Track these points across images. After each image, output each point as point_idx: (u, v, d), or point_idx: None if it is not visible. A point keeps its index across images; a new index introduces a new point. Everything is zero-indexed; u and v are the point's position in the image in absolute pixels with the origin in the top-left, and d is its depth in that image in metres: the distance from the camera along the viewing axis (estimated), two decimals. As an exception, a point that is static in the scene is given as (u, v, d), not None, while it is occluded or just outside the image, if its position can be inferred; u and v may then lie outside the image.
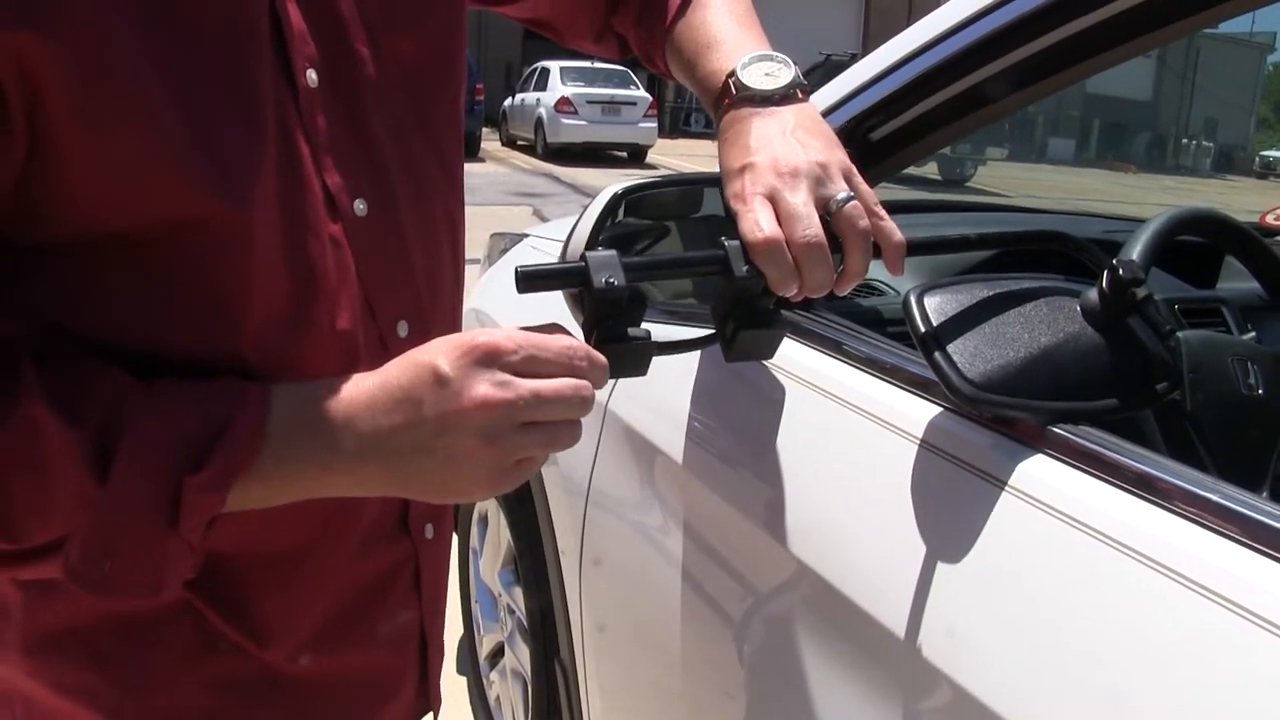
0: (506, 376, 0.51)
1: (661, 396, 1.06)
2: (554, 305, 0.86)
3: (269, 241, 0.54)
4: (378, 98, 0.60)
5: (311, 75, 0.56)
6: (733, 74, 0.67)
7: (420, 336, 0.60)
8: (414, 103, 0.63)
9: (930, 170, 13.17)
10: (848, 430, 0.79)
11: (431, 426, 0.51)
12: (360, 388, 0.53)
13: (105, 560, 0.49)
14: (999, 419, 0.64)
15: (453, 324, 0.70)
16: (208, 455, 0.50)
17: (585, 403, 0.53)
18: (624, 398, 1.12)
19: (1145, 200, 11.42)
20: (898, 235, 0.64)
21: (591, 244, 0.71)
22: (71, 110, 0.47)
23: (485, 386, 0.50)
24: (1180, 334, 1.01)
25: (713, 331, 0.66)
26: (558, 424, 0.53)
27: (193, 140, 0.50)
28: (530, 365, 0.52)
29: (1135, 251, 0.97)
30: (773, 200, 0.61)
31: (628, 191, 0.71)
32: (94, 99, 0.47)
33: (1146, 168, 22.97)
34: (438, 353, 0.52)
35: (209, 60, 0.51)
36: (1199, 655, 0.50)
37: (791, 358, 0.89)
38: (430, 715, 0.78)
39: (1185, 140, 29.10)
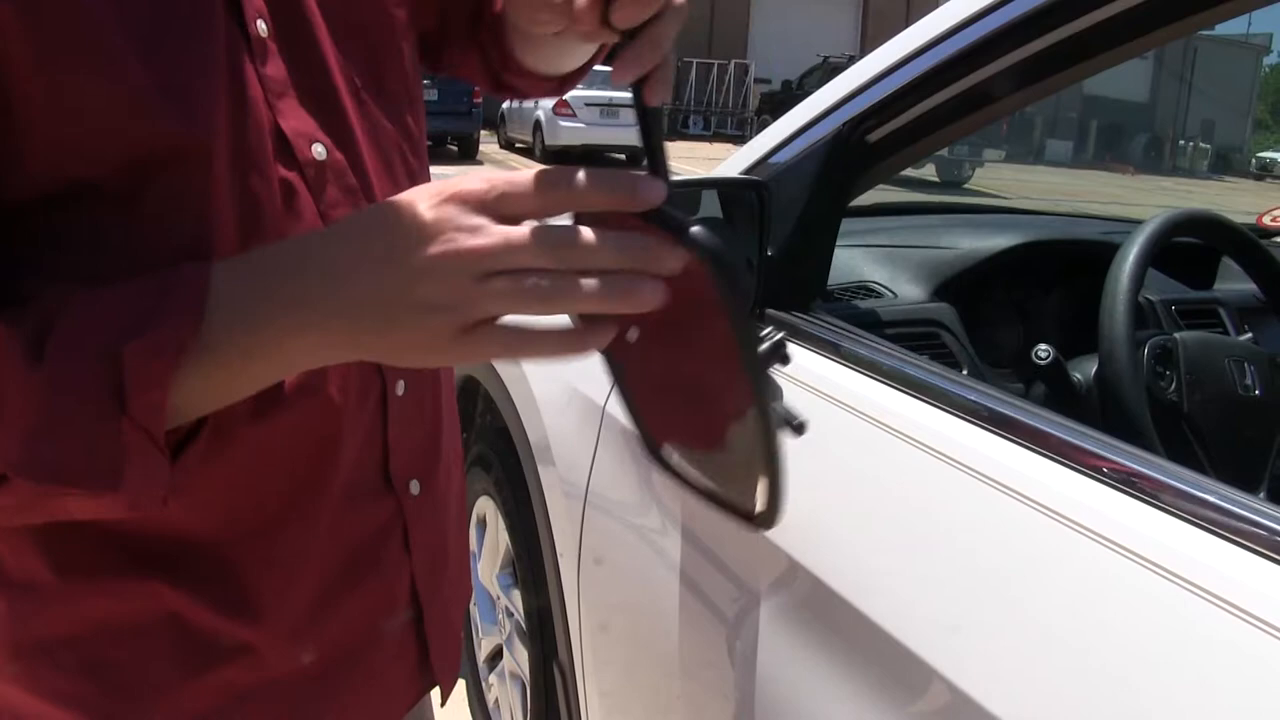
0: (477, 220, 0.45)
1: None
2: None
3: (225, 188, 0.54)
4: (329, 50, 0.60)
5: (261, 25, 0.56)
6: None
7: None
8: (366, 62, 0.63)
9: (928, 172, 13.18)
10: (845, 432, 0.79)
11: (385, 268, 0.46)
12: (310, 235, 0.51)
13: (52, 442, 0.46)
14: None
15: None
16: (148, 323, 0.47)
17: (588, 250, 0.44)
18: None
19: (1143, 202, 11.43)
20: None
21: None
22: (34, 58, 0.46)
23: (443, 229, 0.45)
24: (1178, 335, 1.01)
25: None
26: (530, 275, 0.44)
27: (154, 83, 0.49)
28: (504, 204, 0.45)
29: (1131, 254, 0.98)
30: None
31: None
32: (56, 46, 0.47)
33: (1144, 169, 22.99)
34: (404, 196, 0.47)
35: (164, 8, 0.51)
36: (1195, 655, 0.50)
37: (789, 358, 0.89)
38: (439, 691, 0.76)
39: (1182, 142, 29.14)
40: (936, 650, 0.63)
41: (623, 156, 15.01)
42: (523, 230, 0.45)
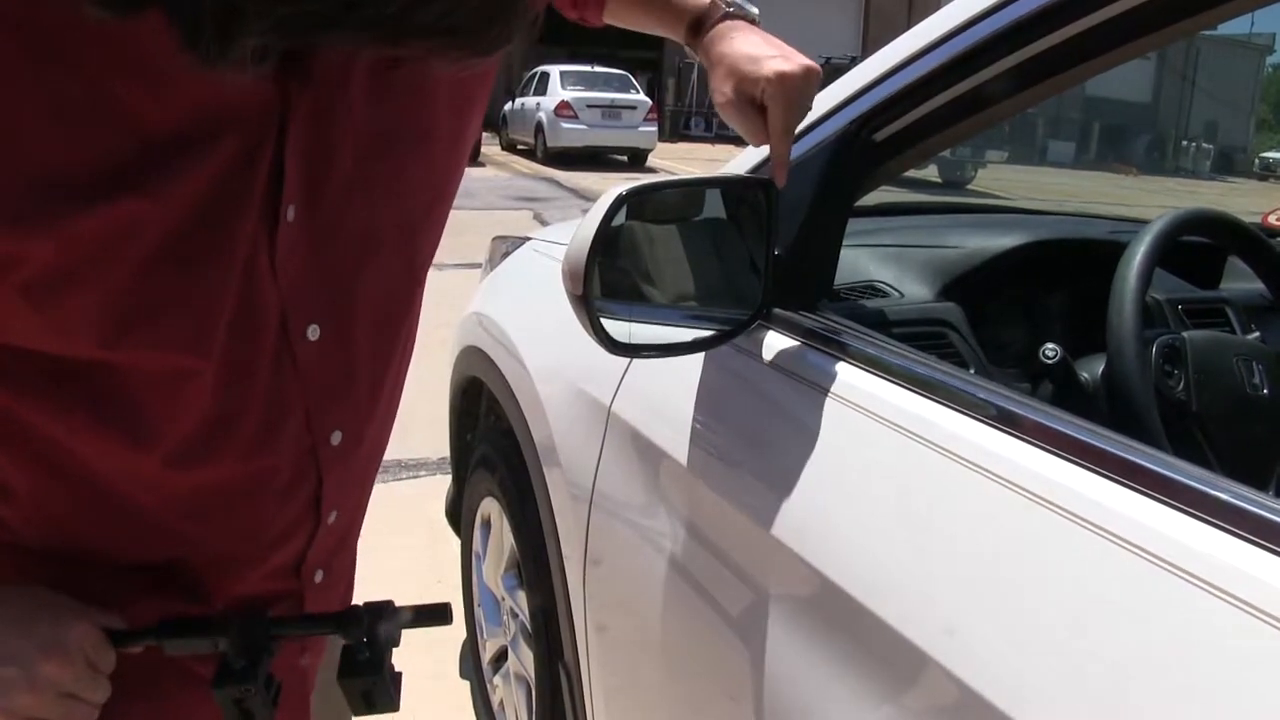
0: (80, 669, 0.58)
1: (664, 398, 1.06)
2: (563, 311, 0.85)
3: (208, 379, 0.56)
4: (356, 219, 0.59)
5: (290, 211, 0.55)
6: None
7: (352, 443, 0.65)
8: (400, 217, 0.62)
9: (931, 173, 13.16)
10: (852, 430, 0.79)
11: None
12: None
13: None
14: None
15: (383, 427, 0.72)
16: None
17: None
18: (627, 400, 1.12)
19: (1146, 203, 11.41)
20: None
21: (596, 246, 0.71)
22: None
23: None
24: (1185, 334, 1.01)
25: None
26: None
27: (146, 303, 0.51)
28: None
29: (1138, 253, 0.97)
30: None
31: (631, 193, 0.71)
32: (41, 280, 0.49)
33: (1147, 170, 22.97)
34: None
35: (201, 209, 0.50)
36: (1208, 651, 0.50)
37: (795, 357, 0.89)
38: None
39: (1185, 142, 29.10)
40: (943, 649, 0.63)
41: (624, 157, 15.02)
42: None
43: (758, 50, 0.82)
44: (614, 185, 0.73)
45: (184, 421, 0.57)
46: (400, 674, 0.68)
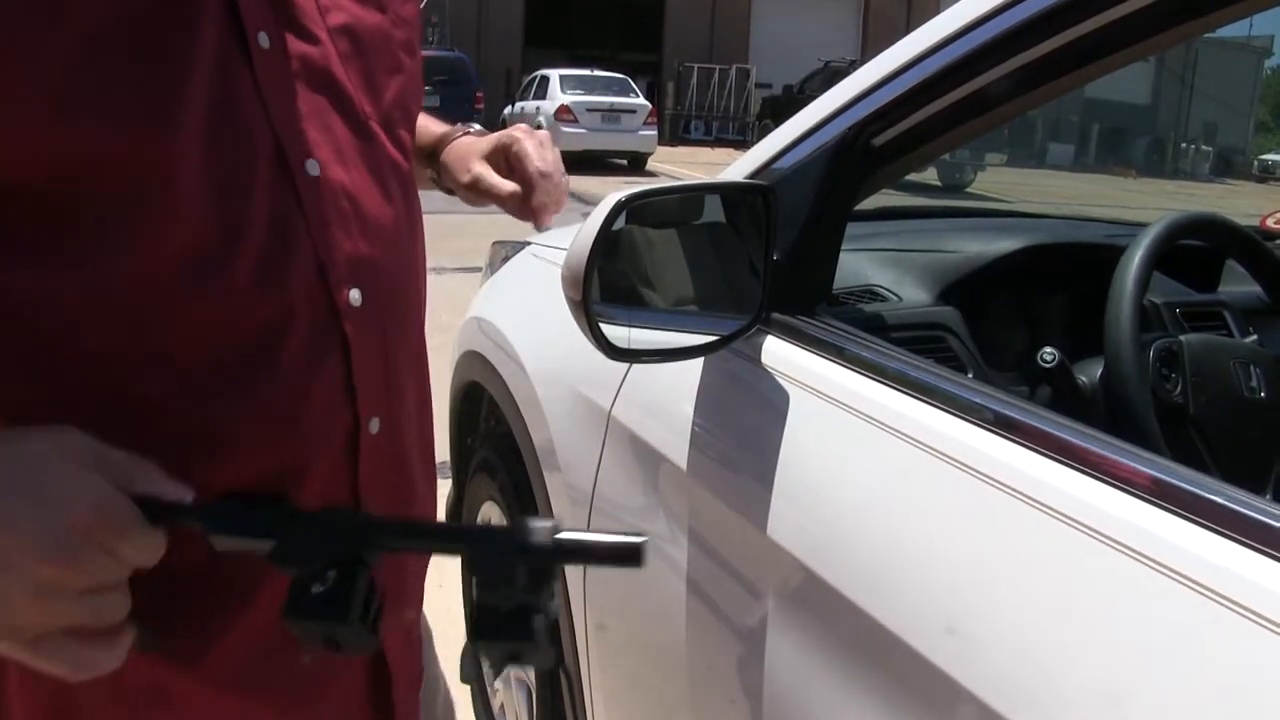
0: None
1: (664, 402, 1.06)
2: (562, 315, 0.86)
3: (199, 198, 0.54)
4: (335, 69, 0.62)
5: (263, 38, 0.58)
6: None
7: (373, 306, 0.62)
8: (367, 82, 0.65)
9: (930, 176, 13.17)
10: (850, 435, 0.79)
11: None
12: None
13: None
14: None
15: (411, 271, 0.69)
16: None
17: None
18: (627, 404, 1.13)
19: (1145, 205, 11.42)
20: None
21: (595, 252, 0.71)
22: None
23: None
24: (1182, 338, 1.01)
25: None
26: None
27: (95, 79, 0.50)
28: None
29: (1135, 257, 0.98)
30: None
31: (630, 200, 0.71)
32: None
33: (1146, 172, 22.97)
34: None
35: (150, 13, 0.52)
36: (1197, 652, 0.50)
37: (794, 362, 0.89)
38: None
39: (1184, 144, 29.11)
40: (943, 652, 0.63)
41: (624, 161, 15.03)
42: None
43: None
44: (613, 192, 0.73)
45: (174, 237, 0.54)
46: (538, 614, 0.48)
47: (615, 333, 0.84)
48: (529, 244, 1.82)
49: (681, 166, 15.12)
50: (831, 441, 0.82)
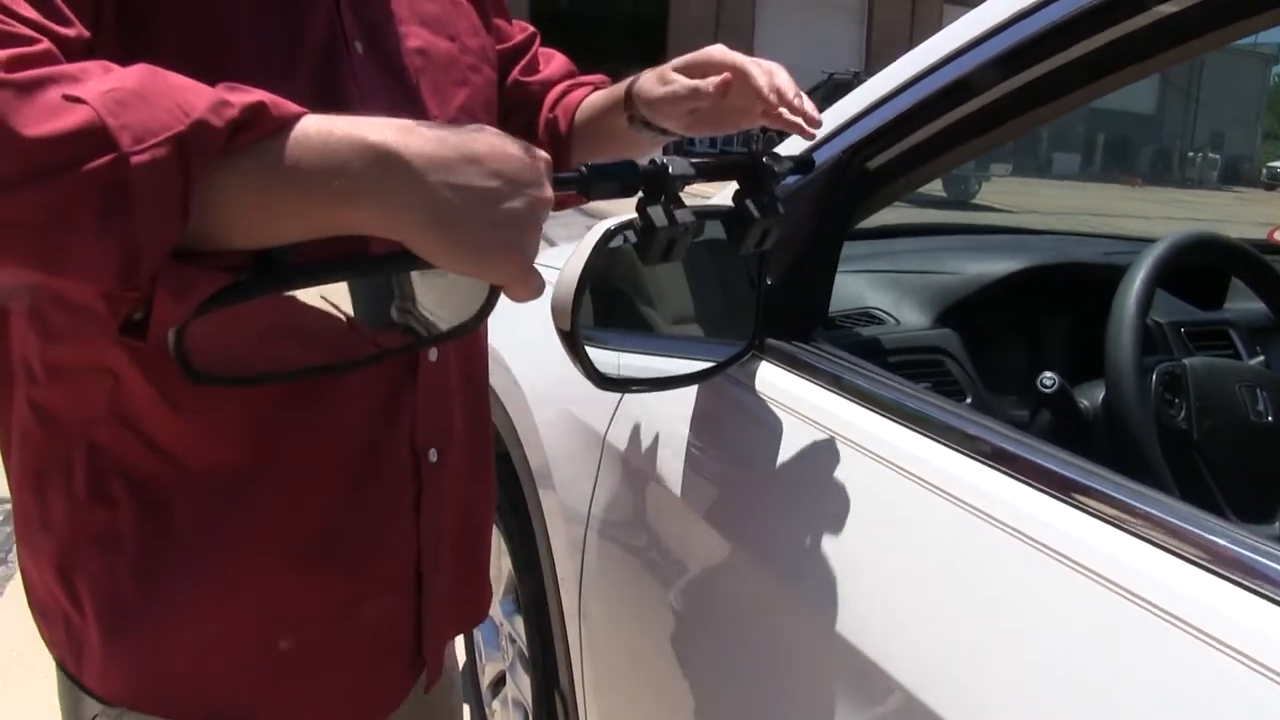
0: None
1: (660, 428, 1.04)
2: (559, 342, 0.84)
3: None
4: (410, 75, 0.75)
5: (358, 45, 0.70)
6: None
7: None
8: (436, 90, 0.77)
9: (935, 187, 13.15)
10: (845, 467, 0.78)
11: (493, 177, 0.53)
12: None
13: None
14: None
15: None
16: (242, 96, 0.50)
17: None
18: (623, 426, 1.11)
19: (1152, 214, 11.38)
20: None
21: (583, 281, 0.70)
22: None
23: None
24: (1186, 361, 0.99)
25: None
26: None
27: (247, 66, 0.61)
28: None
29: (1137, 279, 0.96)
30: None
31: (621, 228, 0.70)
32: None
33: (1152, 181, 22.93)
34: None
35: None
36: (1204, 700, 0.49)
37: (788, 391, 0.88)
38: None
39: (1191, 153, 29.05)
40: (933, 690, 0.61)
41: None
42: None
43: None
44: (602, 222, 0.72)
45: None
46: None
47: (606, 359, 0.83)
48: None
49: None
50: (826, 473, 0.81)
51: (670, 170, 0.66)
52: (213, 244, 0.51)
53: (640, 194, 0.66)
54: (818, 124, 0.78)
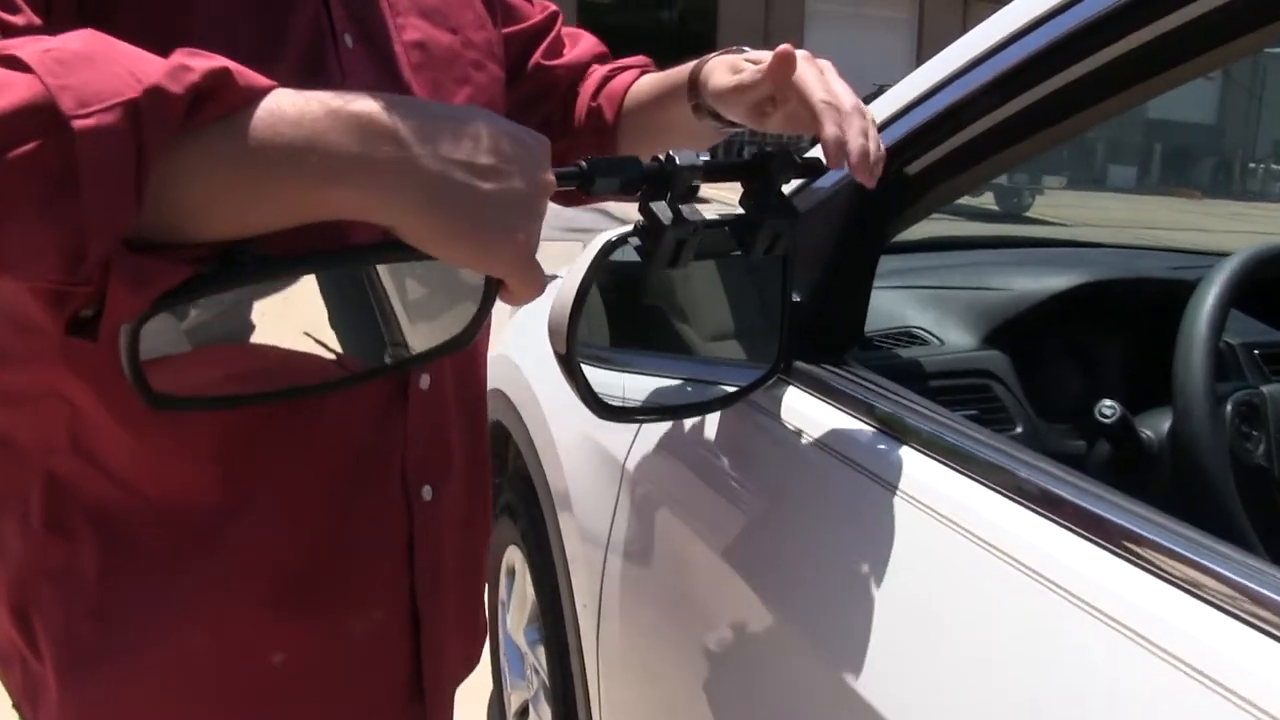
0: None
1: (680, 453, 0.97)
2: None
3: None
4: (404, 72, 0.69)
5: (348, 39, 0.65)
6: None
7: None
8: (434, 87, 0.71)
9: (987, 200, 12.92)
10: (875, 507, 0.70)
11: (492, 156, 0.48)
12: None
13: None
14: None
15: None
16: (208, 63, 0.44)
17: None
18: (642, 453, 1.04)
19: (1212, 228, 11.06)
20: None
21: (579, 300, 0.63)
22: None
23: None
24: (1265, 388, 0.90)
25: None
26: None
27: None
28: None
29: (1210, 295, 0.86)
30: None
31: (620, 240, 0.64)
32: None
33: (1212, 194, 22.36)
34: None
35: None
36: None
37: (817, 420, 0.80)
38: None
39: (1253, 164, 28.27)
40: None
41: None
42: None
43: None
44: (602, 233, 0.65)
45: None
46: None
47: (612, 381, 0.76)
48: (556, 276, 1.74)
49: (733, 191, 15.02)
50: (854, 513, 0.73)
51: (678, 161, 0.60)
52: (174, 235, 0.44)
53: (643, 191, 0.61)
54: (871, 180, 0.64)
